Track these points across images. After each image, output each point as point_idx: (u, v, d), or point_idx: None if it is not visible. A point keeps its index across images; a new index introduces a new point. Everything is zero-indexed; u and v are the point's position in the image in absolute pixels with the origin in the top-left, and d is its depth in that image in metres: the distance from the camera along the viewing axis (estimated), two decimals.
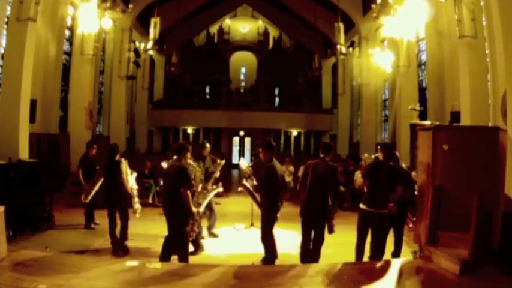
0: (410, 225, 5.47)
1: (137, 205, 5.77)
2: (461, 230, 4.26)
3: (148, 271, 4.27)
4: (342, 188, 9.38)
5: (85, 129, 11.87)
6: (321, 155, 4.77)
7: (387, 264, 4.52)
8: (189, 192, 4.44)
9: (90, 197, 6.11)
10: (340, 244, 5.09)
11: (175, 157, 4.67)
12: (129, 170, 5.65)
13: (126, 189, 5.45)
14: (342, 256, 4.85)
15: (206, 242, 5.91)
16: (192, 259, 4.88)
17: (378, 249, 4.71)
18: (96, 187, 6.05)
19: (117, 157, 5.57)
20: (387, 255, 4.86)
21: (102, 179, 5.82)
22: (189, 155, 4.80)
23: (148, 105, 21.19)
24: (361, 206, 4.75)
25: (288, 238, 5.87)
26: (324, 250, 4.83)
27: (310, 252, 4.71)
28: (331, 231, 4.68)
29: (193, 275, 4.09)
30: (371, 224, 4.64)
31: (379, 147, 5.02)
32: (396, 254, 5.01)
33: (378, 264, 4.48)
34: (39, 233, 6.07)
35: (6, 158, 6.90)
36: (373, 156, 5.27)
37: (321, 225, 4.64)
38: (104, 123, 16.35)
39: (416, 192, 5.52)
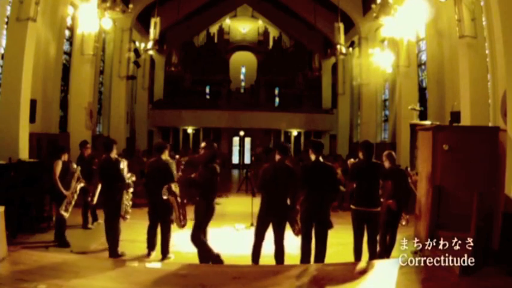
0: (404, 223, 5.49)
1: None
2: (461, 230, 4.26)
3: (148, 271, 4.27)
4: (342, 188, 9.39)
5: (85, 129, 11.84)
6: (314, 155, 4.73)
7: (387, 264, 4.52)
8: (173, 185, 4.98)
9: (96, 198, 6.07)
10: (340, 244, 5.09)
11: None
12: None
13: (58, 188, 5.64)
14: (342, 256, 4.86)
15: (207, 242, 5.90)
16: (192, 259, 4.88)
17: (375, 248, 4.72)
18: (100, 186, 6.01)
19: (64, 157, 5.89)
20: None
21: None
22: (167, 152, 5.39)
23: (148, 105, 21.17)
24: (352, 206, 4.77)
25: (288, 238, 5.86)
26: None
27: (310, 251, 4.70)
28: (330, 226, 4.68)
29: (193, 274, 4.10)
30: (365, 223, 4.65)
31: (359, 147, 5.05)
32: (388, 251, 5.01)
33: (377, 264, 4.49)
34: (39, 233, 6.07)
35: (6, 158, 6.88)
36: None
37: (320, 223, 4.63)
38: (104, 123, 16.33)
39: (410, 189, 5.56)
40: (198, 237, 4.62)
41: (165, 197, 4.96)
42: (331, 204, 5.33)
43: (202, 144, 4.94)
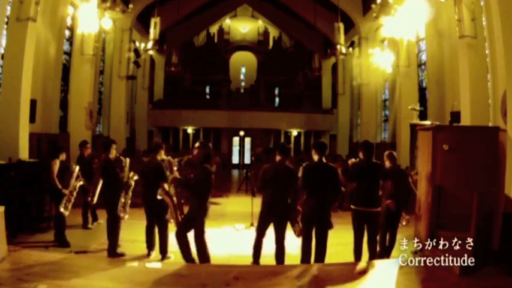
0: (404, 223, 5.51)
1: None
2: (461, 230, 4.26)
3: (148, 271, 4.27)
4: (342, 188, 9.38)
5: (85, 129, 11.84)
6: (317, 156, 4.70)
7: (387, 264, 4.52)
8: (166, 185, 4.99)
9: (96, 197, 6.08)
10: (340, 244, 5.09)
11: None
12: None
13: (57, 187, 5.69)
14: (342, 256, 4.86)
15: (208, 242, 5.90)
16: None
17: (375, 248, 4.72)
18: (99, 186, 6.01)
19: (62, 156, 5.94)
20: None
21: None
22: (163, 152, 5.46)
23: (148, 105, 21.18)
24: (352, 206, 4.77)
25: (288, 238, 5.86)
26: None
27: (310, 251, 4.69)
28: (330, 227, 4.67)
29: (193, 274, 4.10)
30: (365, 223, 4.65)
31: (358, 147, 5.05)
32: (388, 251, 5.02)
33: (377, 264, 4.49)
34: (39, 233, 6.07)
35: (6, 158, 6.89)
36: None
37: (321, 224, 4.62)
38: (104, 123, 16.33)
39: (410, 189, 5.56)
40: (183, 235, 4.58)
41: (159, 197, 4.97)
42: (333, 205, 5.34)
43: (196, 144, 4.92)
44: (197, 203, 4.61)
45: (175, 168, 5.68)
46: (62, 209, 5.55)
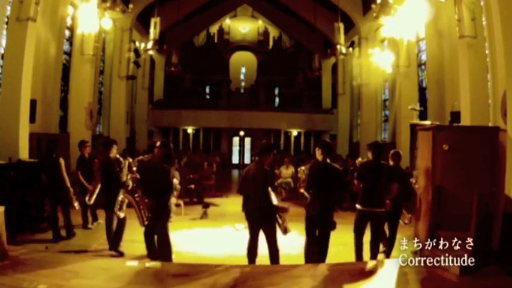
0: (406, 222, 5.51)
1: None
2: (461, 230, 4.26)
3: (148, 271, 4.27)
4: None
5: (85, 129, 11.83)
6: (322, 156, 4.68)
7: (387, 264, 4.52)
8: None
9: (94, 198, 6.10)
10: (341, 244, 5.09)
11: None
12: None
13: (66, 184, 5.87)
14: (343, 256, 4.86)
15: (208, 242, 5.90)
16: (192, 259, 4.88)
17: (377, 249, 4.72)
18: (99, 187, 6.03)
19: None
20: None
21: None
22: (114, 149, 5.47)
23: (148, 105, 21.18)
24: (357, 206, 4.76)
25: (289, 238, 5.85)
26: None
27: (316, 252, 4.67)
28: (333, 227, 4.66)
29: (193, 275, 4.09)
30: (369, 223, 4.65)
31: (367, 147, 5.05)
32: (388, 249, 5.02)
33: (378, 264, 4.49)
34: (39, 233, 6.07)
35: (6, 158, 6.89)
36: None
37: (324, 225, 4.59)
38: (104, 123, 16.33)
39: (412, 189, 5.56)
40: (150, 235, 4.65)
41: (121, 196, 4.96)
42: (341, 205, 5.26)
43: (157, 144, 4.83)
44: (155, 203, 4.59)
45: (134, 168, 5.55)
46: (75, 204, 5.92)
